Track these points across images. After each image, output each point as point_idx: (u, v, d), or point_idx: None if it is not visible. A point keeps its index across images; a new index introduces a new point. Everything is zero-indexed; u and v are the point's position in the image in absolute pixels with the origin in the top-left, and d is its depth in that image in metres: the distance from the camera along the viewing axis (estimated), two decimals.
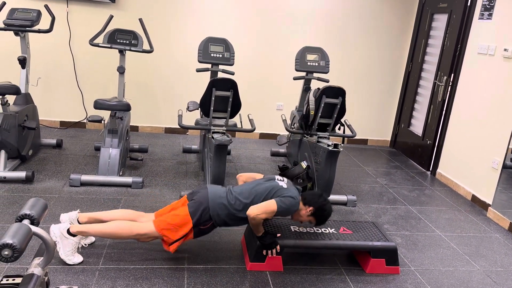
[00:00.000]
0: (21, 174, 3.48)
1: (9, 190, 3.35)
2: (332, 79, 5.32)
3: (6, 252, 1.42)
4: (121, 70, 4.07)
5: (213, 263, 2.67)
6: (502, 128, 3.81)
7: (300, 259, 2.81)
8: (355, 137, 4.32)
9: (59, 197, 3.32)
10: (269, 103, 5.44)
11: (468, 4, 4.39)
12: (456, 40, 4.52)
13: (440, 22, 4.91)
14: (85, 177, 3.57)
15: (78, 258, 2.52)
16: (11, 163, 3.71)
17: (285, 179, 2.74)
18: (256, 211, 2.49)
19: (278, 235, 2.68)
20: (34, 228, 1.56)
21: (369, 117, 5.72)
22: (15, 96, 3.92)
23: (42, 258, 1.60)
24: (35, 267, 1.58)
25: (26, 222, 1.61)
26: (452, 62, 4.58)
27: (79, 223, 2.64)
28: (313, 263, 2.78)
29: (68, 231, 2.47)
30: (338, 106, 3.60)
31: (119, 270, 2.51)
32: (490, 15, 4.05)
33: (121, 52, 4.06)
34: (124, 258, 2.63)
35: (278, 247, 2.62)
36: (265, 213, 2.50)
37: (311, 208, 2.61)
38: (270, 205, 2.52)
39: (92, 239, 2.74)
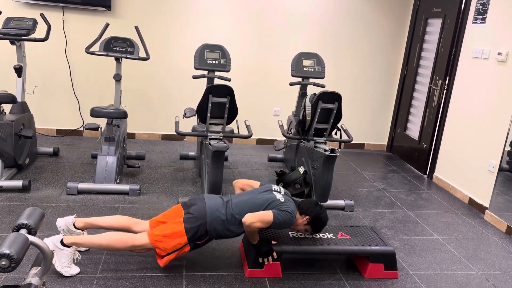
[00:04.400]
0: (18, 183, 3.47)
1: (6, 199, 3.34)
2: (328, 84, 5.34)
3: (3, 262, 1.41)
4: (118, 78, 4.07)
5: (212, 270, 2.66)
6: (497, 130, 3.83)
7: (299, 265, 2.80)
8: (352, 142, 4.33)
9: (56, 206, 3.31)
10: (266, 109, 5.45)
11: (462, 8, 4.43)
12: (450, 45, 4.55)
13: (434, 27, 4.94)
14: (82, 185, 3.56)
15: (75, 270, 2.48)
16: (8, 172, 3.70)
17: (282, 190, 2.73)
18: (251, 219, 2.47)
19: (274, 242, 2.67)
20: (31, 238, 1.55)
21: (366, 121, 5.74)
22: (11, 105, 3.92)
23: (40, 267, 1.59)
24: (33, 277, 1.58)
25: (23, 231, 1.61)
26: (447, 66, 4.61)
27: (75, 227, 2.62)
28: (312, 269, 2.78)
29: (62, 242, 2.43)
30: (335, 111, 3.61)
31: (117, 278, 2.50)
32: (484, 19, 4.09)
33: (118, 59, 4.06)
34: (122, 266, 2.62)
35: (274, 253, 2.61)
36: (261, 222, 2.48)
37: (307, 217, 2.61)
38: (266, 216, 2.50)
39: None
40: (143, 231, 2.59)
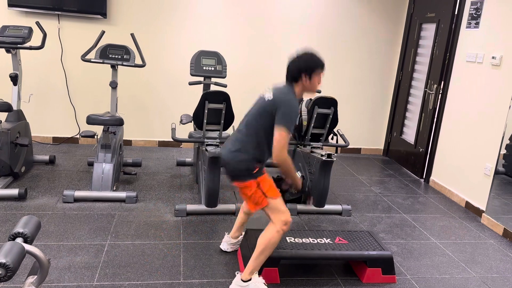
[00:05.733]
0: (14, 191, 3.45)
1: (2, 208, 3.32)
2: (324, 90, 5.36)
3: None
4: (114, 85, 4.08)
5: (209, 277, 2.65)
6: (492, 134, 3.85)
7: (297, 271, 2.80)
8: (348, 147, 4.34)
9: (52, 214, 3.30)
10: None
11: (456, 13, 4.47)
12: (445, 49, 4.59)
13: (428, 32, 4.98)
14: (78, 193, 3.55)
15: None
16: (4, 181, 3.68)
17: (270, 89, 2.52)
18: (277, 152, 2.34)
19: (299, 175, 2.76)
20: (27, 247, 1.54)
21: (362, 126, 5.75)
22: (7, 113, 3.91)
23: (36, 276, 1.58)
24: (29, 286, 1.57)
25: (19, 240, 1.60)
26: (441, 70, 4.64)
27: (234, 238, 2.94)
28: (310, 274, 2.77)
29: (243, 280, 2.45)
30: (331, 116, 3.63)
31: (114, 287, 2.48)
32: (477, 23, 4.12)
33: (113, 67, 4.07)
34: (119, 274, 2.61)
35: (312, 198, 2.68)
36: (285, 146, 2.34)
37: (302, 75, 2.41)
38: (282, 138, 2.32)
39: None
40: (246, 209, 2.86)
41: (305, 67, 2.42)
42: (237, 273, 2.55)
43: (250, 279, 2.45)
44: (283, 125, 2.33)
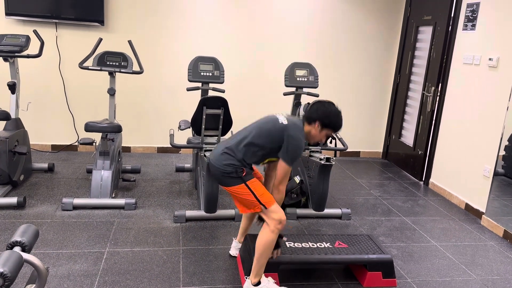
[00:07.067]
0: (13, 200, 3.44)
1: (1, 217, 3.31)
2: (321, 94, 5.37)
3: None
4: (112, 92, 4.08)
5: (209, 283, 2.64)
6: (491, 135, 3.85)
7: (297, 276, 2.79)
8: (347, 150, 4.34)
9: (51, 222, 3.29)
10: None
11: (452, 15, 4.49)
12: (442, 51, 4.60)
13: (425, 34, 5.00)
14: (77, 201, 3.54)
15: None
16: (2, 189, 3.68)
17: (283, 115, 2.56)
18: (280, 179, 2.45)
19: (284, 239, 2.68)
20: (25, 255, 1.54)
21: (360, 129, 5.76)
22: (5, 121, 3.91)
23: (34, 285, 1.58)
24: None
25: (17, 249, 1.59)
26: (439, 72, 4.65)
27: (240, 243, 2.95)
28: (310, 279, 2.76)
29: (254, 284, 2.50)
30: None
31: None
32: (474, 26, 4.14)
33: (111, 74, 4.07)
34: (118, 281, 2.60)
35: (279, 251, 2.61)
36: (286, 177, 2.46)
37: (317, 122, 2.46)
38: (285, 170, 2.42)
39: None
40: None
41: (324, 118, 2.46)
42: (247, 277, 2.56)
43: (259, 282, 2.49)
44: (289, 160, 2.42)
